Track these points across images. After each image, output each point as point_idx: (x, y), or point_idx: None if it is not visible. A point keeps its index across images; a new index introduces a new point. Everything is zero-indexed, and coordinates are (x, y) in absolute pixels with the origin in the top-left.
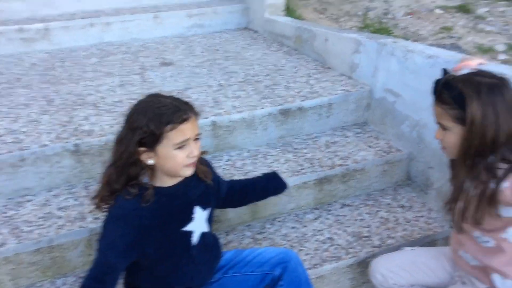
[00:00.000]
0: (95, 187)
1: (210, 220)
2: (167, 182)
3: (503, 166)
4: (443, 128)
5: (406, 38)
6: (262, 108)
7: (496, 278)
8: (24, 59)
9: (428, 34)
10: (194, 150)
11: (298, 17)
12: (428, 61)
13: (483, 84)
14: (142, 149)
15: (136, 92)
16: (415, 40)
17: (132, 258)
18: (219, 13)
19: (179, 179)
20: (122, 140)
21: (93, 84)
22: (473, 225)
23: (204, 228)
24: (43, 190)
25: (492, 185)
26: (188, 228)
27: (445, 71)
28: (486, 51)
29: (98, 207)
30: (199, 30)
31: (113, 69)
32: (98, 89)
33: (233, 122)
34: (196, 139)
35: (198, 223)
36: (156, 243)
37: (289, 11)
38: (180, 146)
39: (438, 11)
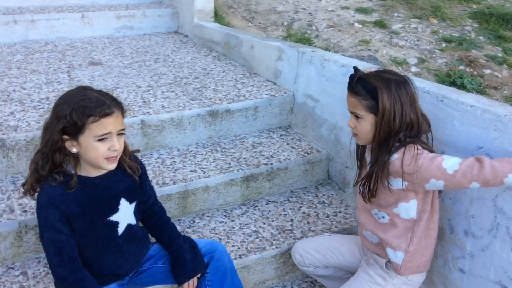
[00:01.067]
0: (22, 181)
1: (138, 213)
2: (92, 172)
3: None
4: (357, 117)
5: (328, 48)
6: (190, 109)
7: (389, 251)
8: None
9: (348, 46)
10: (115, 144)
11: (227, 24)
12: (342, 70)
13: (391, 80)
14: (65, 137)
15: (64, 90)
16: (336, 51)
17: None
18: (149, 16)
19: (103, 171)
20: (48, 127)
21: (18, 81)
22: (370, 199)
23: (131, 220)
24: None
25: (385, 158)
26: (113, 218)
27: (355, 69)
28: (400, 63)
29: (26, 194)
30: (128, 32)
31: (39, 67)
32: (23, 86)
33: (162, 121)
34: (120, 134)
35: (124, 214)
36: (80, 231)
37: (218, 18)
38: (101, 139)
39: (357, 25)
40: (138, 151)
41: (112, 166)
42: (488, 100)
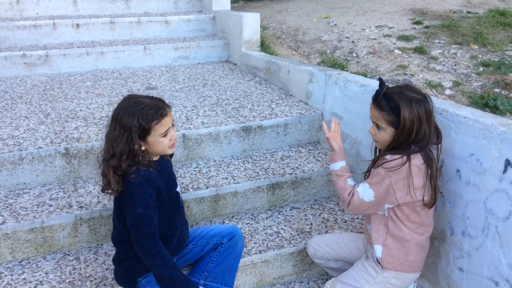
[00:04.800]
0: (81, 184)
1: None
2: (154, 158)
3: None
4: (378, 127)
5: (365, 74)
6: (226, 125)
7: (373, 245)
8: (27, 81)
9: (385, 71)
10: (174, 135)
11: (272, 53)
12: (361, 89)
13: (413, 98)
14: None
15: None
16: (373, 76)
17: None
18: (203, 47)
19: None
20: (117, 138)
21: (85, 103)
22: None
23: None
24: (38, 185)
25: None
26: (178, 189)
27: (381, 82)
28: (434, 86)
29: (115, 190)
30: (184, 61)
31: (104, 91)
32: (89, 106)
33: (200, 135)
34: (173, 125)
35: (179, 188)
36: (163, 202)
37: (264, 47)
38: (164, 134)
39: (397, 51)
40: None
41: (173, 150)
42: (482, 112)
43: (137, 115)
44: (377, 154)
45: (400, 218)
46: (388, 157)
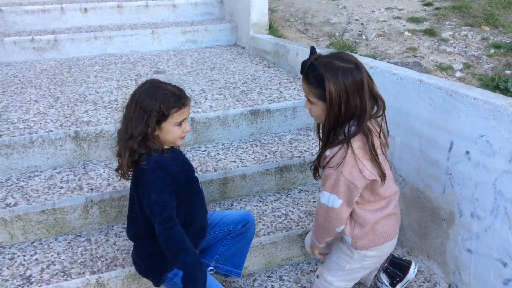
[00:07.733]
0: (91, 167)
1: None
2: (165, 146)
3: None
4: (310, 102)
5: (375, 56)
6: (234, 108)
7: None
8: (36, 65)
9: (395, 53)
10: (187, 127)
11: (281, 36)
12: (370, 71)
13: (340, 68)
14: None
15: (130, 93)
16: (382, 58)
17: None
18: (210, 30)
19: None
20: (137, 119)
21: (94, 87)
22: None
23: None
24: (49, 168)
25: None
26: (196, 175)
27: (312, 49)
28: (444, 69)
29: (125, 175)
30: (192, 45)
31: (112, 75)
32: (98, 90)
33: (209, 119)
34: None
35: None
36: (182, 186)
37: (273, 30)
38: (179, 124)
39: (407, 33)
40: None
41: (182, 142)
42: (492, 93)
43: (160, 100)
44: (321, 130)
45: (361, 204)
46: (328, 153)
